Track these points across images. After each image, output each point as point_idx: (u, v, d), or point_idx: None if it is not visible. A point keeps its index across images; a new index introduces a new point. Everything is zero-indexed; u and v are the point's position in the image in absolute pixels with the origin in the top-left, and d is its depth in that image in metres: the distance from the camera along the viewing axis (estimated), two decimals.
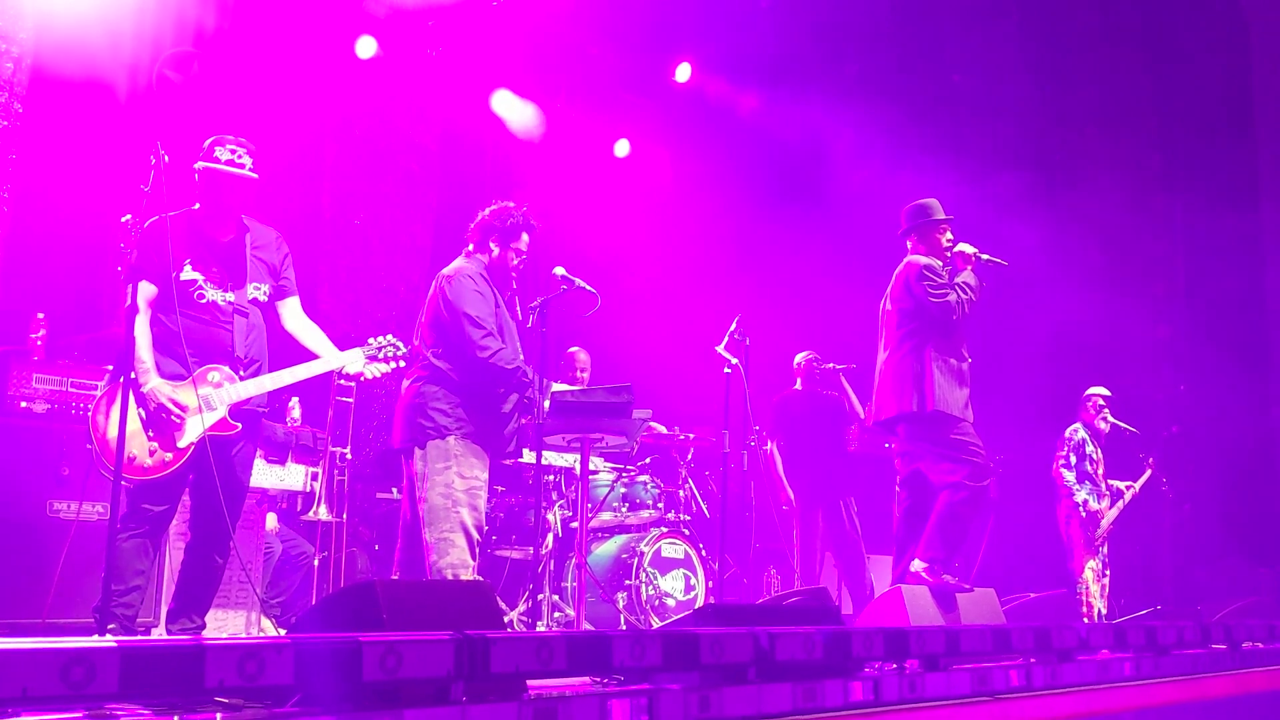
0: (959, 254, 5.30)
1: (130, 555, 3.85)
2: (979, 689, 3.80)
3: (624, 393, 4.84)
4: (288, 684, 2.24)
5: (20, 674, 1.88)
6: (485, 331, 4.54)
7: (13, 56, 6.40)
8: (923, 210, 5.39)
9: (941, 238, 5.36)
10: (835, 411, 7.58)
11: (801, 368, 7.65)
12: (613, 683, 3.06)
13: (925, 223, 5.35)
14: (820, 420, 7.51)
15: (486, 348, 4.53)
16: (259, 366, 4.18)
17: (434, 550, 4.45)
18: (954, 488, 5.02)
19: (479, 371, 4.56)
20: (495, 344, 4.56)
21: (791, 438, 7.50)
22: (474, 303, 4.60)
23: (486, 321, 4.58)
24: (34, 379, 4.87)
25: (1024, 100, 10.54)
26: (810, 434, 7.45)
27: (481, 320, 4.56)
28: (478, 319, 4.56)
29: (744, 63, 9.96)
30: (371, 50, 8.56)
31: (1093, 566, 7.51)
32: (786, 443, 7.50)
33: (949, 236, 5.38)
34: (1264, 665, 5.33)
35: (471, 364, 4.55)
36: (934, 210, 5.38)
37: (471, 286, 4.64)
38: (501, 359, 4.55)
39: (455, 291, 4.62)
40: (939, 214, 5.37)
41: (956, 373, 5.14)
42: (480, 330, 4.54)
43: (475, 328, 4.54)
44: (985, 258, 5.33)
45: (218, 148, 4.10)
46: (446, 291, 4.64)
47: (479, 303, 4.61)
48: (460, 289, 4.63)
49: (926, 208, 5.39)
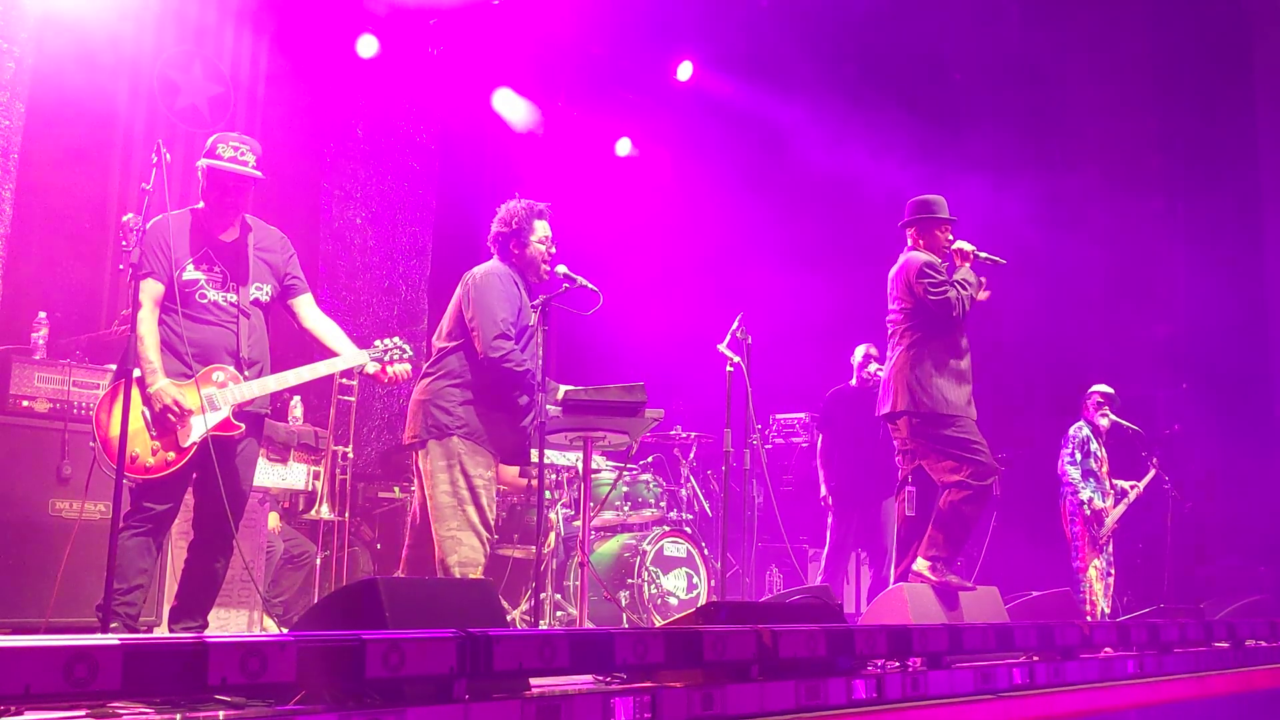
0: (957, 251, 5.30)
1: (133, 554, 3.85)
2: (982, 687, 3.79)
3: (637, 391, 4.84)
4: (290, 681, 2.24)
5: (23, 671, 1.87)
6: (500, 332, 4.53)
7: (14, 56, 6.40)
8: (928, 205, 5.38)
9: (943, 236, 5.35)
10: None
11: (858, 362, 7.54)
12: (615, 681, 3.06)
13: (929, 218, 5.35)
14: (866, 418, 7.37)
15: (499, 348, 4.51)
16: (261, 367, 4.18)
17: (442, 548, 4.45)
18: (956, 486, 5.01)
19: (488, 371, 4.55)
20: (508, 345, 4.54)
21: (835, 432, 7.43)
22: (498, 301, 4.58)
23: (506, 323, 4.56)
24: (36, 378, 4.86)
25: (1025, 100, 10.53)
26: (856, 430, 7.36)
27: (500, 320, 4.54)
28: (498, 319, 4.54)
29: (746, 62, 9.96)
30: (373, 49, 8.56)
31: (1097, 565, 7.50)
32: (829, 437, 7.44)
33: (950, 236, 5.38)
34: (1267, 663, 5.33)
35: (481, 363, 4.55)
36: (939, 207, 5.37)
37: (499, 286, 4.63)
38: (512, 361, 4.54)
39: (480, 289, 4.61)
40: (943, 212, 5.37)
41: (957, 370, 5.14)
42: (496, 330, 4.52)
43: (492, 326, 4.53)
44: (984, 256, 5.32)
45: (220, 145, 4.08)
46: (472, 290, 4.63)
47: (503, 302, 4.59)
48: (486, 287, 4.62)
49: (932, 203, 5.38)
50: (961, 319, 5.16)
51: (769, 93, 9.95)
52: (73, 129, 6.78)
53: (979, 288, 5.26)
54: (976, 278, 5.26)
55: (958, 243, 5.32)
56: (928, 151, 9.42)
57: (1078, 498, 7.53)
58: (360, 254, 8.74)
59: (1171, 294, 10.25)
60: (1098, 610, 7.39)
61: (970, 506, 5.01)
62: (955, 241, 5.34)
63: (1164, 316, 10.18)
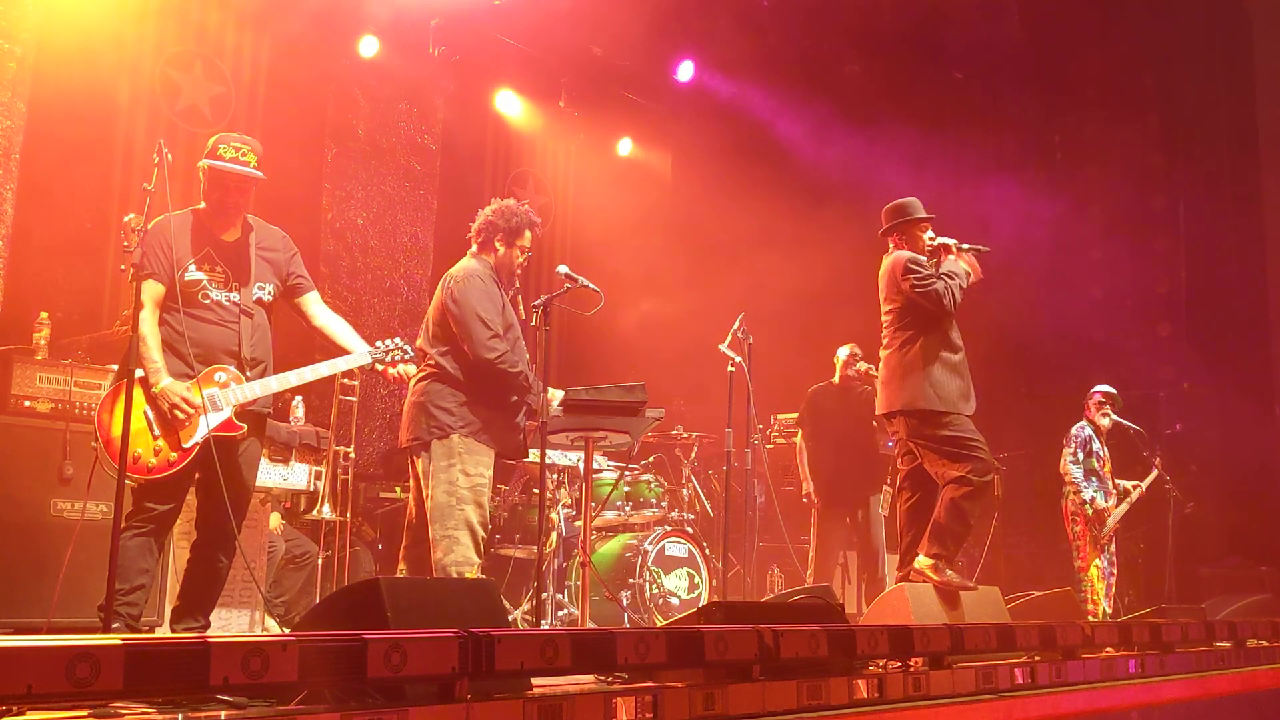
0: (940, 246, 5.33)
1: (135, 554, 3.85)
2: (984, 687, 3.79)
3: (638, 391, 4.85)
4: (292, 681, 2.24)
5: (26, 671, 1.87)
6: (491, 333, 4.57)
7: (16, 56, 6.40)
8: (903, 209, 5.43)
9: (923, 235, 5.38)
10: (868, 408, 7.47)
11: (842, 361, 7.53)
12: (617, 681, 3.06)
13: (906, 221, 5.38)
14: (850, 416, 7.35)
15: (493, 349, 4.55)
16: (264, 367, 4.18)
17: (439, 548, 4.46)
18: (956, 483, 5.01)
19: (483, 372, 4.57)
20: (501, 346, 4.58)
21: (820, 430, 7.40)
22: (482, 303, 4.61)
23: (493, 323, 4.60)
24: (37, 378, 4.86)
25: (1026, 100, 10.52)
26: (838, 428, 7.35)
27: (489, 321, 4.58)
28: (485, 320, 4.58)
29: (747, 61, 9.95)
30: (374, 49, 8.56)
31: (1099, 565, 7.49)
32: (814, 435, 7.40)
33: (930, 234, 5.40)
34: (1269, 663, 5.33)
35: (476, 364, 4.57)
36: (915, 209, 5.42)
37: (480, 286, 4.65)
38: (506, 362, 4.58)
39: (463, 291, 4.64)
40: (920, 212, 5.41)
41: (951, 365, 5.14)
42: (487, 331, 4.56)
43: (482, 328, 4.56)
44: (966, 247, 5.34)
45: (222, 146, 4.08)
46: (454, 291, 4.65)
47: (486, 303, 4.62)
48: (468, 288, 4.64)
49: (906, 206, 5.44)
50: (952, 311, 5.16)
51: (769, 93, 9.95)
52: (74, 129, 6.79)
53: (968, 276, 5.26)
54: (964, 268, 5.27)
55: (939, 239, 5.34)
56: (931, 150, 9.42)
57: (1080, 497, 7.52)
58: (361, 254, 8.74)
59: (1174, 292, 10.25)
60: (1099, 610, 7.38)
61: (971, 503, 5.00)
62: (937, 239, 5.35)
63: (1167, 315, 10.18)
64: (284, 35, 8.04)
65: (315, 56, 8.30)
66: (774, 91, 9.90)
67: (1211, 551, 9.33)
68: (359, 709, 2.31)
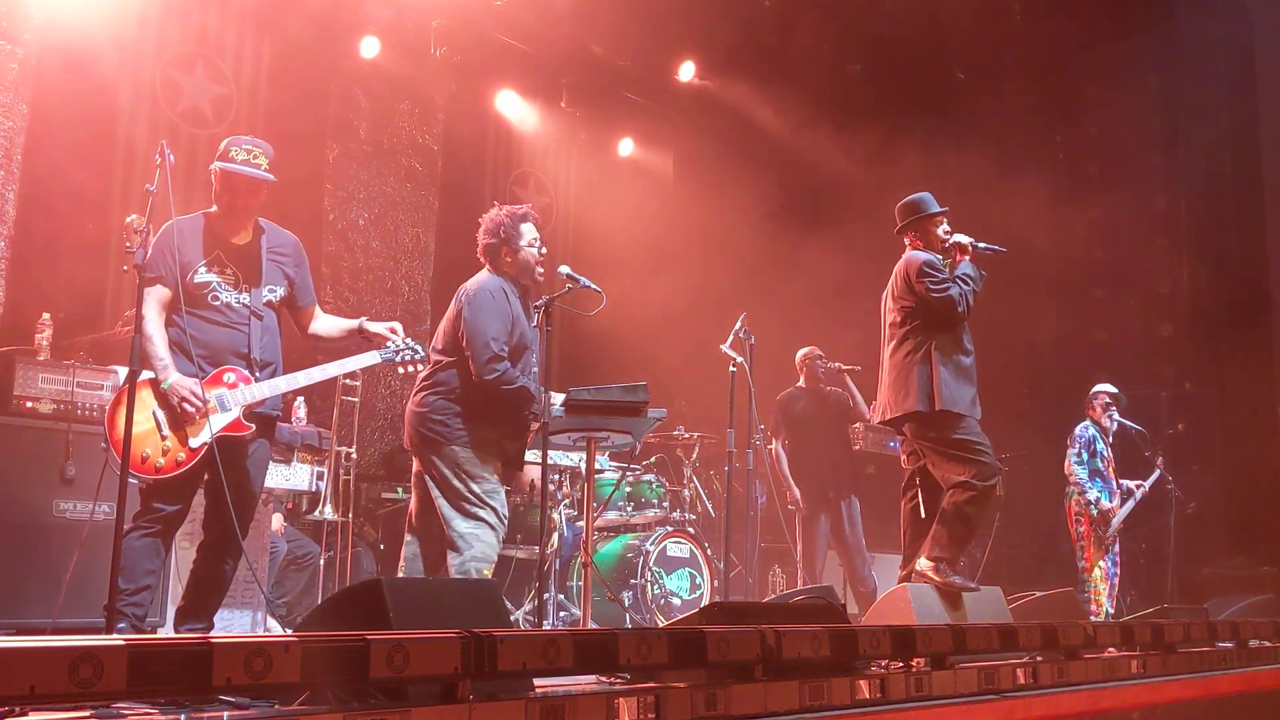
0: (956, 245, 5.26)
1: (142, 554, 3.85)
2: (986, 687, 3.79)
3: (640, 391, 4.83)
4: (295, 682, 2.24)
5: (29, 672, 1.88)
6: (492, 354, 4.53)
7: (17, 57, 6.41)
8: (917, 205, 5.35)
9: (938, 230, 5.32)
10: (840, 408, 7.54)
11: (804, 364, 7.59)
12: (619, 681, 3.06)
13: (921, 217, 5.32)
14: (824, 417, 7.48)
15: (493, 371, 4.52)
16: (273, 369, 4.18)
17: (455, 545, 4.49)
18: (961, 487, 4.99)
19: (484, 389, 4.56)
20: (501, 367, 4.54)
21: (796, 435, 7.45)
22: (490, 322, 4.57)
23: (499, 343, 4.55)
24: (40, 379, 4.86)
25: (1027, 100, 10.52)
26: (815, 431, 7.41)
27: (493, 341, 4.54)
28: (490, 338, 4.54)
29: (748, 61, 9.95)
30: (375, 50, 8.56)
31: (1102, 565, 7.48)
32: (791, 440, 7.46)
33: (945, 228, 5.34)
34: (1271, 663, 5.32)
35: (476, 383, 4.56)
36: (928, 204, 5.34)
37: (490, 304, 4.62)
38: (505, 380, 4.54)
39: (474, 307, 4.61)
40: (933, 207, 5.34)
41: (962, 369, 5.11)
42: (489, 352, 4.53)
43: (485, 348, 4.53)
44: (982, 246, 5.28)
45: (233, 148, 4.08)
46: (465, 308, 4.63)
47: (495, 322, 4.58)
48: (479, 305, 4.61)
49: (920, 202, 5.36)
50: (966, 316, 5.13)
51: (770, 93, 9.95)
52: (76, 130, 6.79)
53: (981, 279, 5.22)
54: (978, 271, 5.23)
55: (956, 236, 5.28)
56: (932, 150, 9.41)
57: (1085, 498, 7.51)
58: (363, 255, 8.74)
59: (1176, 292, 10.25)
60: (1101, 610, 7.37)
61: (974, 508, 4.98)
62: (953, 235, 5.30)
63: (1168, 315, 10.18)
64: (285, 36, 8.03)
65: (316, 57, 8.30)
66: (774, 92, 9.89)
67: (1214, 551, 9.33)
68: (361, 709, 2.31)
